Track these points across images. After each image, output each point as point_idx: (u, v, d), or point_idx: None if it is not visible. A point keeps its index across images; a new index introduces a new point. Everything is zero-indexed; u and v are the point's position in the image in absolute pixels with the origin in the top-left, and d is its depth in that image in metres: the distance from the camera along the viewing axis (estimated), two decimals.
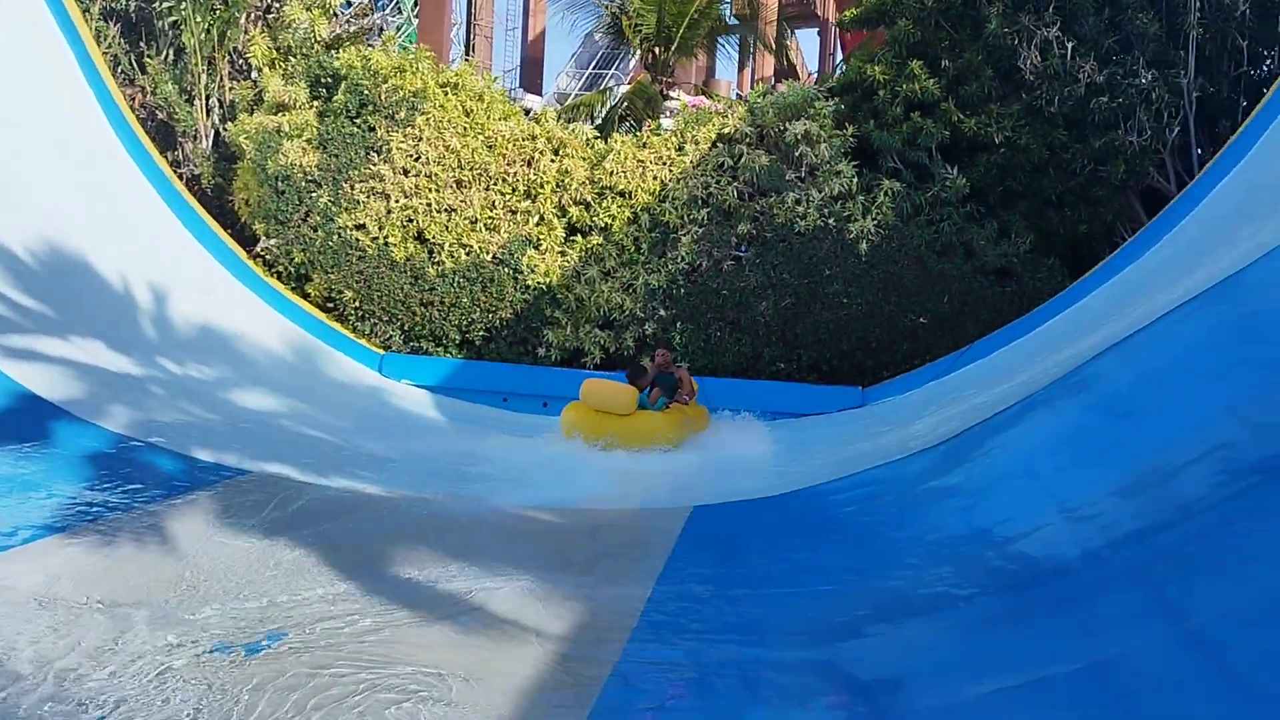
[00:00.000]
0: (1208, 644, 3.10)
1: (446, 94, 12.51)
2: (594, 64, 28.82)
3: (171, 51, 14.10)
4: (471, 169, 12.20)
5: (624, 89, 18.93)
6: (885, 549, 5.04)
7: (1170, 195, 10.21)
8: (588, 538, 5.86)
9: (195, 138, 13.89)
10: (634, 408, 8.96)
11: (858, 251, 10.96)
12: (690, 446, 9.06)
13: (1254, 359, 4.65)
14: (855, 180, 11.12)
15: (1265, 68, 10.95)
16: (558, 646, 3.87)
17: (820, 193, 11.14)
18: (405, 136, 12.19)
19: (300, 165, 12.23)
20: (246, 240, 12.88)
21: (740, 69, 27.40)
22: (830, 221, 11.07)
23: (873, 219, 10.93)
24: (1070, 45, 10.61)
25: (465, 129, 12.32)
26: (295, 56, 13.41)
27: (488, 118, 12.50)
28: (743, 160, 11.51)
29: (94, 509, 5.63)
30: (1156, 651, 3.19)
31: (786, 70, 24.43)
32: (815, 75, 27.31)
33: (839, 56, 27.19)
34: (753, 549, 5.37)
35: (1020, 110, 10.97)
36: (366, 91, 12.40)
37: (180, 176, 13.09)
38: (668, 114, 16.55)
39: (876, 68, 11.58)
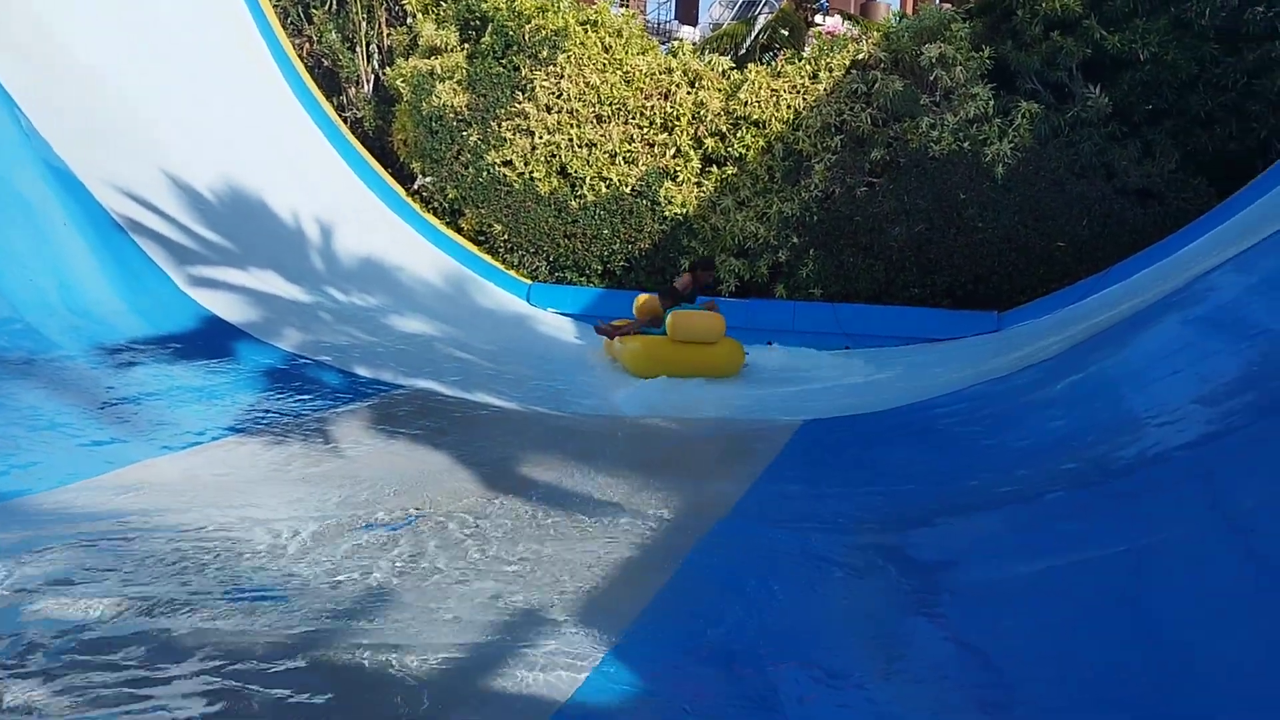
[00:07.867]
0: (1242, 530, 3.31)
1: (586, 31, 12.93)
2: None
3: (335, 1, 15.00)
4: (610, 104, 12.63)
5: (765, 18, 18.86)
6: (973, 454, 5.31)
7: None
8: (702, 445, 6.32)
9: (357, 83, 14.81)
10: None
11: (993, 175, 10.88)
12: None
13: None
14: (992, 103, 11.00)
15: None
16: (655, 525, 4.35)
17: (955, 116, 11.08)
18: (548, 75, 12.70)
19: (452, 106, 12.93)
20: (405, 178, 13.76)
21: None
22: (965, 145, 11.01)
23: (1009, 142, 10.81)
24: None
25: (604, 65, 12.74)
26: (446, 1, 14.06)
27: (626, 53, 12.87)
28: (876, 86, 11.53)
29: (269, 415, 6.45)
30: (1195, 538, 3.42)
31: None
32: None
33: None
34: (849, 456, 5.71)
35: (1168, 24, 10.57)
36: (511, 32, 12.94)
37: (345, 120, 14.05)
38: (813, 40, 16.48)
39: None
